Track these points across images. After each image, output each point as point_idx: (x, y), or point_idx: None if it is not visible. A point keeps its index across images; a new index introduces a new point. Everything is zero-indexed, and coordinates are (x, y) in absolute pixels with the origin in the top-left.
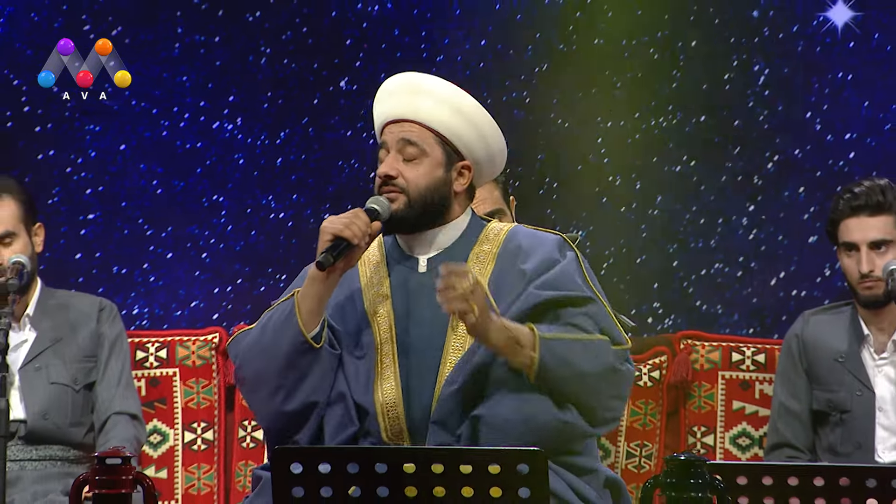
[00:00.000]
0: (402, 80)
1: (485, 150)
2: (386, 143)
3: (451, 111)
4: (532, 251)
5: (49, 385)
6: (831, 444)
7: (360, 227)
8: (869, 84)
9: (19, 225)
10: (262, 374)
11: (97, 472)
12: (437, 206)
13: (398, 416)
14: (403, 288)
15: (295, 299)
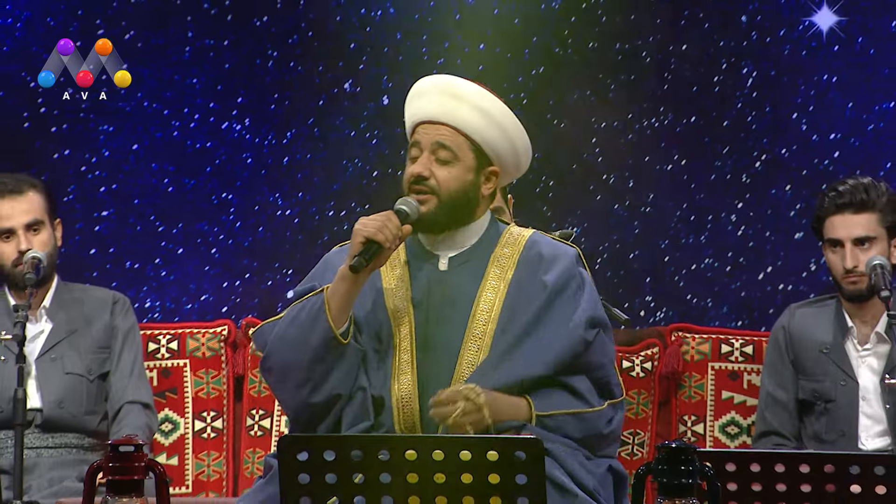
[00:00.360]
0: (439, 82)
1: (513, 157)
2: (419, 143)
3: (485, 119)
4: (553, 262)
5: (64, 375)
6: (816, 433)
7: (391, 231)
8: (853, 86)
9: (45, 216)
10: (291, 366)
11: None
12: (465, 208)
13: (412, 411)
14: (424, 286)
15: (325, 296)
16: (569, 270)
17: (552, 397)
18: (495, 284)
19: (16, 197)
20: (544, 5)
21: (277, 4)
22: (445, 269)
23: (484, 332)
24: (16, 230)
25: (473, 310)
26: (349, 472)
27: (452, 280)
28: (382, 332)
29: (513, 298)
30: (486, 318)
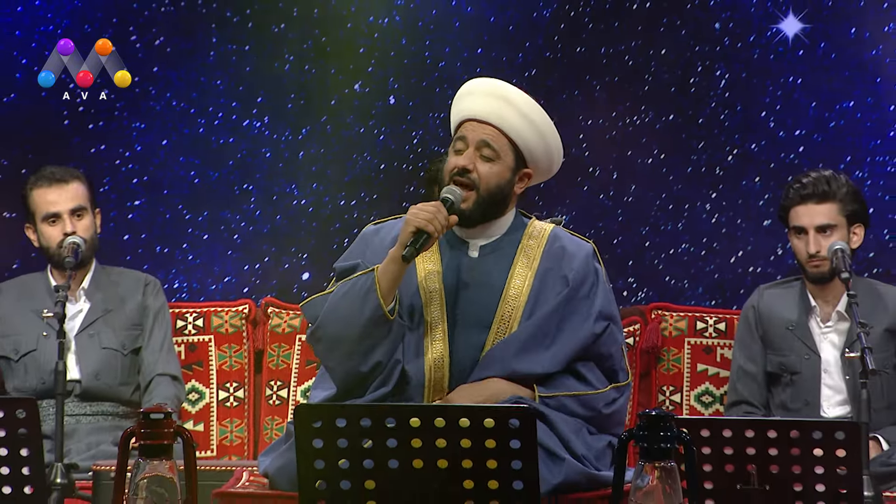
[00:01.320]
0: (491, 85)
1: (547, 163)
2: (465, 138)
3: (529, 125)
4: (574, 257)
5: (101, 350)
6: (783, 402)
7: (440, 222)
8: (816, 87)
9: (88, 203)
10: (341, 337)
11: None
12: (500, 204)
13: (443, 378)
14: (455, 270)
15: (375, 275)
16: (587, 266)
17: (557, 381)
18: (523, 273)
19: (62, 185)
20: (536, 13)
21: (293, 13)
22: (476, 257)
23: (511, 316)
24: (62, 215)
25: (504, 294)
26: (359, 437)
27: (483, 266)
28: (415, 310)
29: (538, 287)
30: (514, 304)
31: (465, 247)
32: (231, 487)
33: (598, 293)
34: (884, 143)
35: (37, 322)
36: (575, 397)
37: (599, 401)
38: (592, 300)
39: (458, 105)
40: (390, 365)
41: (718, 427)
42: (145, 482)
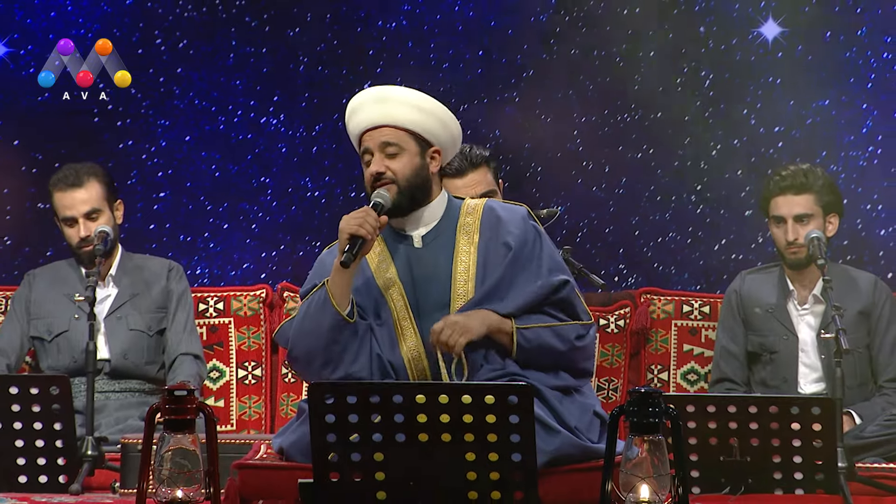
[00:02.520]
0: (368, 94)
1: (448, 135)
2: (369, 148)
3: (416, 110)
4: (510, 222)
5: (128, 331)
6: (763, 379)
7: (371, 224)
8: (794, 87)
9: (104, 202)
10: (312, 351)
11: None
12: (422, 187)
13: (423, 366)
14: (406, 263)
15: (327, 287)
16: (524, 227)
17: (530, 317)
18: (466, 249)
19: (76, 189)
20: (533, 18)
21: (307, 18)
22: (420, 246)
23: (466, 291)
24: (77, 218)
25: (453, 275)
26: (368, 413)
27: (429, 254)
28: (380, 307)
29: (483, 258)
30: (465, 279)
31: (409, 239)
32: (249, 459)
33: (544, 249)
34: (857, 139)
35: (68, 305)
36: (550, 328)
37: (572, 332)
38: (540, 256)
39: (350, 125)
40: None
41: (703, 403)
42: (170, 454)
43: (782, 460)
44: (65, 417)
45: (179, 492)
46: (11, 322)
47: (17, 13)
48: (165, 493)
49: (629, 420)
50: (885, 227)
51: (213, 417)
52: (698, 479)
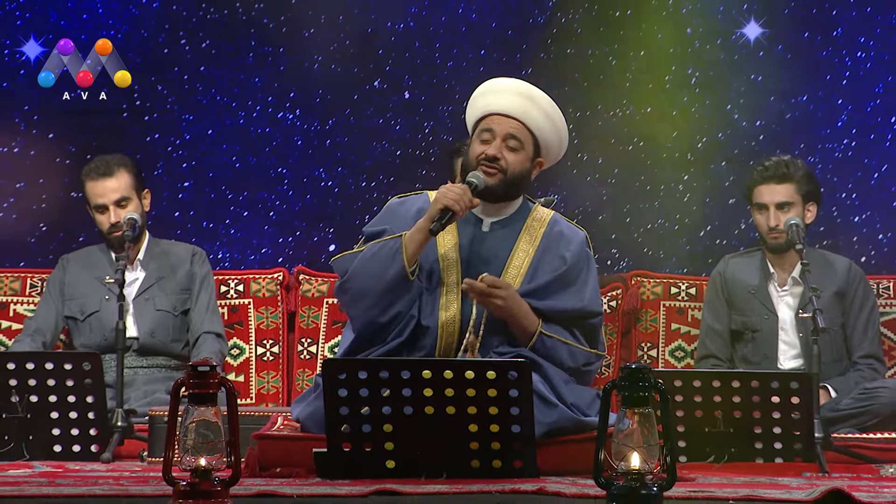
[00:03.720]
0: (518, 85)
1: (557, 154)
2: (493, 130)
3: (550, 123)
4: (571, 241)
5: (155, 311)
6: (745, 356)
7: (465, 204)
8: (774, 84)
9: (132, 191)
10: (366, 290)
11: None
12: (518, 187)
13: (454, 334)
14: (469, 242)
15: (403, 241)
16: (582, 250)
17: (557, 327)
18: (525, 248)
19: (107, 179)
20: (531, 20)
21: (321, 20)
22: (487, 231)
23: (514, 283)
24: (108, 206)
25: (507, 264)
26: (378, 387)
27: (491, 240)
28: (433, 274)
29: (538, 261)
30: (516, 273)
31: (480, 223)
32: (268, 430)
33: (591, 276)
34: (833, 132)
35: (99, 287)
36: (567, 346)
37: (582, 357)
38: (586, 281)
39: (483, 100)
40: (406, 319)
41: (689, 378)
42: (194, 425)
43: (763, 431)
44: (96, 391)
45: (203, 460)
46: (47, 303)
47: (51, 15)
48: (190, 462)
49: (621, 394)
50: (859, 215)
51: (234, 391)
52: (685, 448)
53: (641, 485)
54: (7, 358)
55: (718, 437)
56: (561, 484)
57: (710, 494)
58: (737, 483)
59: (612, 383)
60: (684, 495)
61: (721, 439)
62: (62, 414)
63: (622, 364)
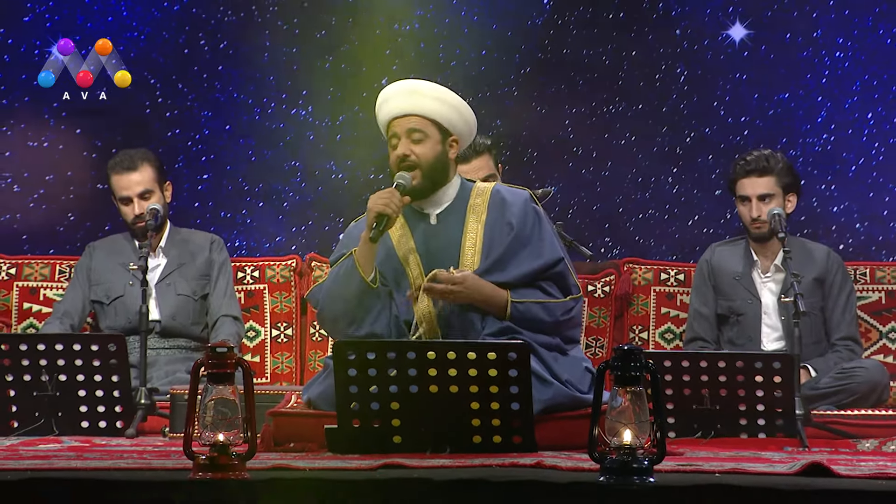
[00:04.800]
0: (399, 87)
1: (465, 126)
2: (397, 134)
3: (440, 103)
4: (513, 204)
5: (176, 296)
6: (730, 338)
7: (396, 204)
8: (758, 82)
9: (154, 184)
10: (339, 312)
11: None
12: (440, 172)
13: (434, 324)
14: (423, 238)
15: (354, 257)
16: (525, 209)
17: (525, 291)
18: (474, 226)
19: (131, 172)
20: (530, 22)
21: (332, 22)
22: (435, 223)
23: (473, 262)
24: (132, 198)
25: (462, 248)
26: (386, 367)
27: (442, 230)
28: (399, 274)
29: (489, 235)
30: (473, 252)
31: (427, 217)
32: (282, 408)
33: (543, 229)
34: (813, 128)
35: (124, 273)
36: (541, 304)
37: (559, 309)
38: (541, 236)
39: (381, 112)
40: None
41: (678, 359)
42: (212, 403)
43: (747, 408)
44: (121, 371)
45: (221, 436)
46: (74, 288)
47: (79, 18)
48: (209, 437)
49: (614, 374)
50: (838, 205)
51: (250, 371)
52: (674, 424)
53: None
54: (37, 339)
55: (705, 414)
56: (557, 458)
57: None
58: (723, 457)
59: (605, 363)
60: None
61: (708, 416)
62: (89, 392)
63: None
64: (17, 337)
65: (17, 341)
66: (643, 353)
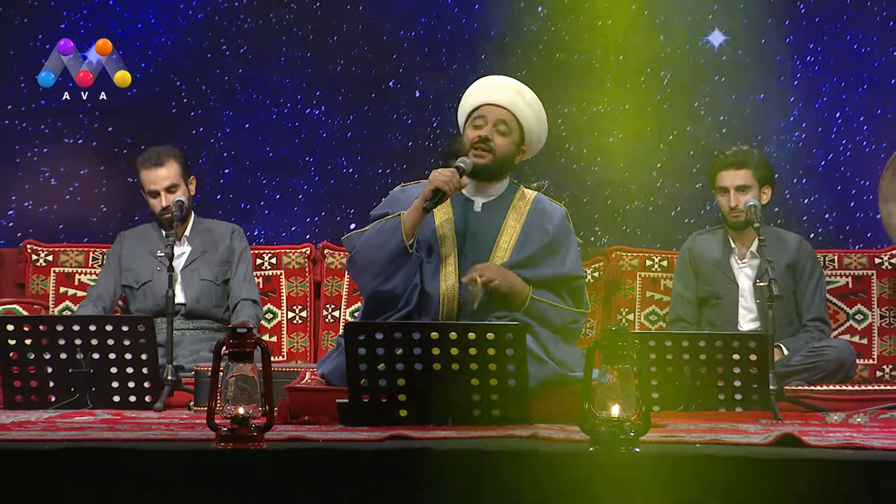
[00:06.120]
0: (506, 80)
1: (538, 142)
2: (485, 117)
3: (534, 114)
4: (552, 216)
5: (200, 281)
6: (710, 319)
7: (454, 185)
8: (735, 84)
9: (180, 178)
10: (372, 261)
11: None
12: (505, 168)
13: (454, 300)
14: (463, 220)
15: (402, 218)
16: (563, 224)
17: (545, 292)
18: (513, 224)
19: (159, 168)
20: (526, 28)
21: (344, 28)
22: (479, 210)
23: (504, 255)
24: (159, 191)
25: (497, 240)
26: (393, 347)
27: (483, 219)
28: (433, 248)
29: (524, 235)
30: (506, 247)
31: (472, 203)
32: (297, 384)
33: (571, 246)
34: (786, 126)
35: (152, 260)
36: (556, 308)
37: (569, 316)
38: (568, 249)
39: (477, 95)
40: (409, 289)
41: (662, 339)
42: (233, 379)
43: (725, 384)
44: (149, 350)
45: (241, 409)
46: (107, 274)
47: (110, 24)
48: (230, 410)
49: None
50: (808, 197)
51: (268, 350)
52: (658, 399)
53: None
54: (73, 321)
55: (687, 389)
56: (551, 430)
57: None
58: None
59: (595, 343)
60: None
61: (689, 391)
62: (120, 369)
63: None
64: (54, 318)
65: (55, 322)
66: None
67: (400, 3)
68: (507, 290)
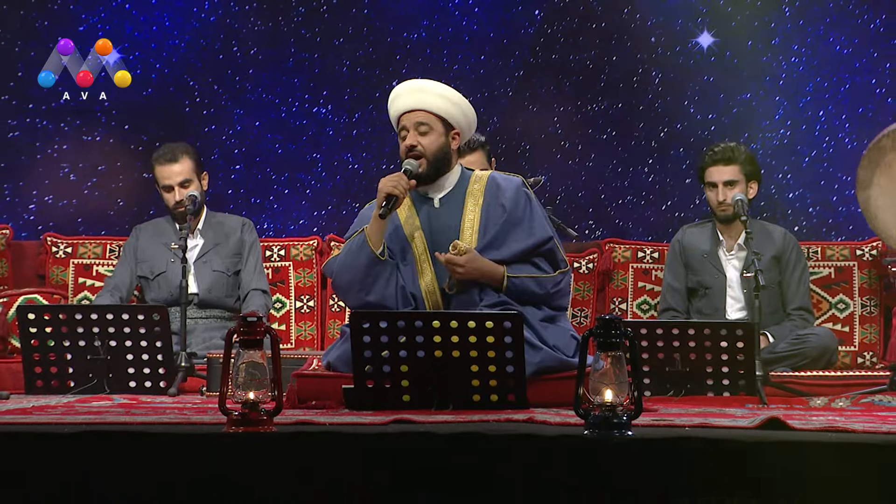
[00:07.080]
0: (408, 85)
1: (466, 121)
2: (405, 126)
3: (444, 100)
4: (507, 189)
5: (212, 272)
6: (699, 308)
7: (403, 186)
8: (723, 83)
9: (193, 174)
10: (351, 282)
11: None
12: (443, 161)
13: (436, 295)
14: (427, 219)
15: (365, 232)
16: (517, 193)
17: (520, 266)
18: (472, 209)
19: (173, 164)
20: (523, 31)
21: (349, 31)
22: (438, 206)
23: (471, 241)
24: (173, 186)
25: (461, 228)
26: (396, 335)
27: (444, 212)
28: (406, 250)
29: (485, 217)
30: (471, 232)
31: (431, 201)
32: (305, 370)
33: (534, 211)
34: (771, 124)
35: (166, 252)
36: (534, 279)
37: (550, 282)
38: (531, 215)
39: (392, 107)
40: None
41: (653, 327)
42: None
43: (713, 370)
44: (164, 338)
45: (251, 394)
46: (123, 265)
47: (127, 28)
48: (241, 396)
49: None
50: (793, 192)
51: (277, 338)
52: (649, 384)
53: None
54: (91, 310)
55: (677, 375)
56: (547, 414)
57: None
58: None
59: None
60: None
61: (679, 377)
62: (136, 356)
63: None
64: (73, 308)
65: (74, 311)
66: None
67: (402, 7)
68: (479, 276)
